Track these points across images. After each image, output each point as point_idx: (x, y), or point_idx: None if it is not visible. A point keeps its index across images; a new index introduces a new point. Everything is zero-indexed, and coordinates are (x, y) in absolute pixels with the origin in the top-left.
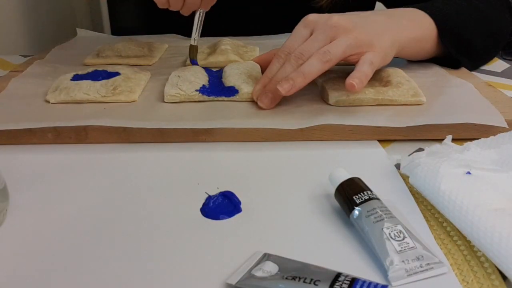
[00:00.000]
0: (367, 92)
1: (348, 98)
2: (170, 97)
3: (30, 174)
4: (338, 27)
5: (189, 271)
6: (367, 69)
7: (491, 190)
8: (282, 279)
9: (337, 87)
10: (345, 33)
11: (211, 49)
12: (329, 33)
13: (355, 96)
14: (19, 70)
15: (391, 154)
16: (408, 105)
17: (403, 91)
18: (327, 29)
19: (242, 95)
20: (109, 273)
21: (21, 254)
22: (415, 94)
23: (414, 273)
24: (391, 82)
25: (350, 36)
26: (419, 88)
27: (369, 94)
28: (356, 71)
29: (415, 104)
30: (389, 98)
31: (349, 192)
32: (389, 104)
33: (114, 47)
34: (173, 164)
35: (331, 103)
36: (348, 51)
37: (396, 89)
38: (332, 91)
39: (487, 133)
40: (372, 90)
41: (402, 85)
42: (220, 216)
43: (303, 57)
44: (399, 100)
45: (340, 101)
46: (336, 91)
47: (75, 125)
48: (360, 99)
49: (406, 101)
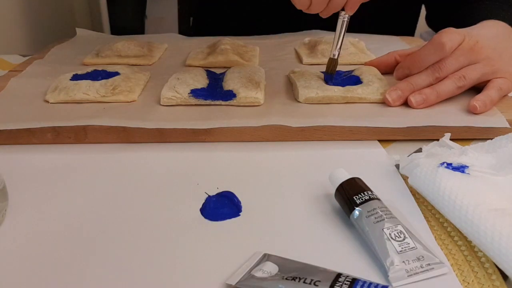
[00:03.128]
0: (336, 90)
1: (317, 96)
2: (166, 99)
3: (29, 174)
4: (480, 53)
5: (189, 271)
6: (494, 94)
7: (491, 190)
8: (282, 279)
9: (307, 85)
10: (485, 60)
11: (211, 49)
12: (470, 57)
13: (324, 94)
14: (18, 69)
15: (391, 154)
16: (377, 103)
17: (373, 89)
18: (469, 52)
19: (240, 100)
20: (109, 273)
21: (20, 254)
22: (385, 92)
23: (415, 273)
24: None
25: (489, 64)
26: (389, 87)
27: (338, 92)
28: (482, 94)
29: (384, 102)
30: (358, 96)
31: (349, 192)
32: (358, 102)
33: (114, 46)
34: (173, 164)
35: (300, 101)
36: (483, 78)
37: (366, 87)
38: (302, 89)
39: (488, 133)
40: (342, 88)
41: (372, 84)
42: (220, 217)
43: (441, 72)
44: (368, 98)
45: (309, 99)
46: (306, 88)
47: (74, 125)
48: (329, 97)
49: (375, 99)
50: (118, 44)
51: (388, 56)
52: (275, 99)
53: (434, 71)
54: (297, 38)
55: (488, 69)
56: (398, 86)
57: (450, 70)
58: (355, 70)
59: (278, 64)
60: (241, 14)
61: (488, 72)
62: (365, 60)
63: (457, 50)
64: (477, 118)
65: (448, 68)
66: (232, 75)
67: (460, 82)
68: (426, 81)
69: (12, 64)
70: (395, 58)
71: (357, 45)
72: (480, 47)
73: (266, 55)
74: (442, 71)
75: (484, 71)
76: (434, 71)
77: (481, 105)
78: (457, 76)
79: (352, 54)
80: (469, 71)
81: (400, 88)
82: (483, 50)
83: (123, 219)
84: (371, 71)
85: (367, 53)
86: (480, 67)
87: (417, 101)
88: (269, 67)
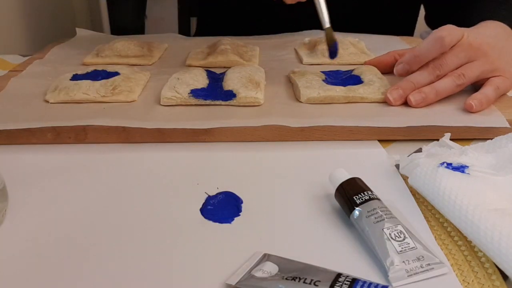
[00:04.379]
0: (338, 90)
1: (319, 96)
2: (166, 99)
3: (29, 174)
4: (479, 50)
5: (189, 271)
6: (491, 93)
7: (491, 191)
8: (282, 279)
9: (309, 85)
10: (483, 57)
11: (211, 49)
12: (470, 53)
13: (326, 94)
14: (18, 69)
15: (391, 154)
16: (379, 102)
17: (374, 89)
18: (469, 48)
19: (240, 99)
20: (109, 273)
21: (20, 254)
22: (386, 91)
23: (415, 273)
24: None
25: (487, 61)
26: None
27: (340, 92)
28: (479, 93)
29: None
30: (360, 95)
31: (349, 192)
32: (360, 101)
33: (114, 46)
34: (173, 164)
35: (302, 101)
36: (481, 76)
37: (367, 87)
38: (304, 89)
39: (488, 133)
40: (343, 88)
41: (373, 83)
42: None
43: (441, 69)
44: (370, 98)
45: (311, 99)
46: (308, 88)
47: (74, 125)
48: (331, 97)
49: (376, 99)
50: (118, 44)
51: (388, 56)
52: (275, 99)
53: (435, 68)
54: (297, 38)
55: (487, 67)
56: (400, 85)
57: (450, 67)
58: (355, 69)
59: (278, 64)
60: (241, 14)
61: (487, 70)
62: (365, 60)
63: (457, 46)
64: (477, 118)
65: (448, 65)
66: (232, 75)
67: (459, 80)
68: (427, 79)
69: (12, 64)
70: (394, 57)
71: (357, 45)
72: (479, 43)
73: (266, 55)
74: (443, 68)
75: (483, 69)
76: (434, 69)
77: (477, 103)
78: (456, 74)
79: (352, 54)
80: (468, 69)
81: (401, 87)
82: (482, 47)
83: (122, 218)
84: (371, 71)
85: (367, 52)
86: (479, 64)
87: (417, 100)
88: (269, 67)
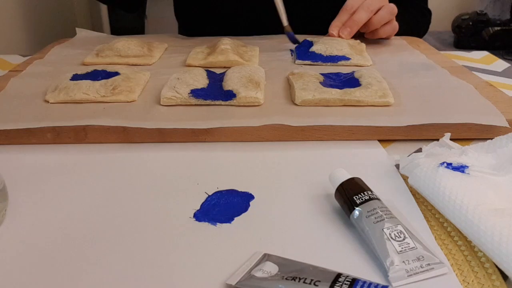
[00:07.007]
0: (333, 93)
1: (314, 98)
2: (166, 99)
3: (29, 174)
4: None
5: (189, 271)
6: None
7: (491, 191)
8: (282, 279)
9: (305, 87)
10: None
11: (211, 49)
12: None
13: (321, 96)
14: (18, 69)
15: (391, 154)
16: (376, 106)
17: (371, 92)
18: None
19: (240, 99)
20: (109, 273)
21: (20, 254)
22: (383, 95)
23: (415, 273)
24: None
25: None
26: (389, 90)
27: (336, 94)
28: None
29: (383, 105)
30: (356, 99)
31: (349, 192)
32: (356, 105)
33: (114, 46)
34: (173, 164)
35: (297, 103)
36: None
37: (364, 90)
38: (299, 91)
39: (488, 133)
40: (339, 91)
41: (371, 86)
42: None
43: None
44: (366, 101)
45: (305, 101)
46: (303, 91)
47: (74, 125)
48: (326, 99)
49: (373, 102)
50: (118, 44)
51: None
52: (275, 99)
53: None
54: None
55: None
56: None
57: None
58: (355, 72)
59: (278, 64)
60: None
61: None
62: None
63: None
64: (477, 116)
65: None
66: (232, 75)
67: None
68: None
69: (12, 64)
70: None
71: (358, 46)
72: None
73: (266, 55)
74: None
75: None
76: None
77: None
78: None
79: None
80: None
81: (349, 25)
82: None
83: (123, 218)
84: (371, 74)
85: (363, 54)
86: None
87: (345, 34)
88: (269, 67)
